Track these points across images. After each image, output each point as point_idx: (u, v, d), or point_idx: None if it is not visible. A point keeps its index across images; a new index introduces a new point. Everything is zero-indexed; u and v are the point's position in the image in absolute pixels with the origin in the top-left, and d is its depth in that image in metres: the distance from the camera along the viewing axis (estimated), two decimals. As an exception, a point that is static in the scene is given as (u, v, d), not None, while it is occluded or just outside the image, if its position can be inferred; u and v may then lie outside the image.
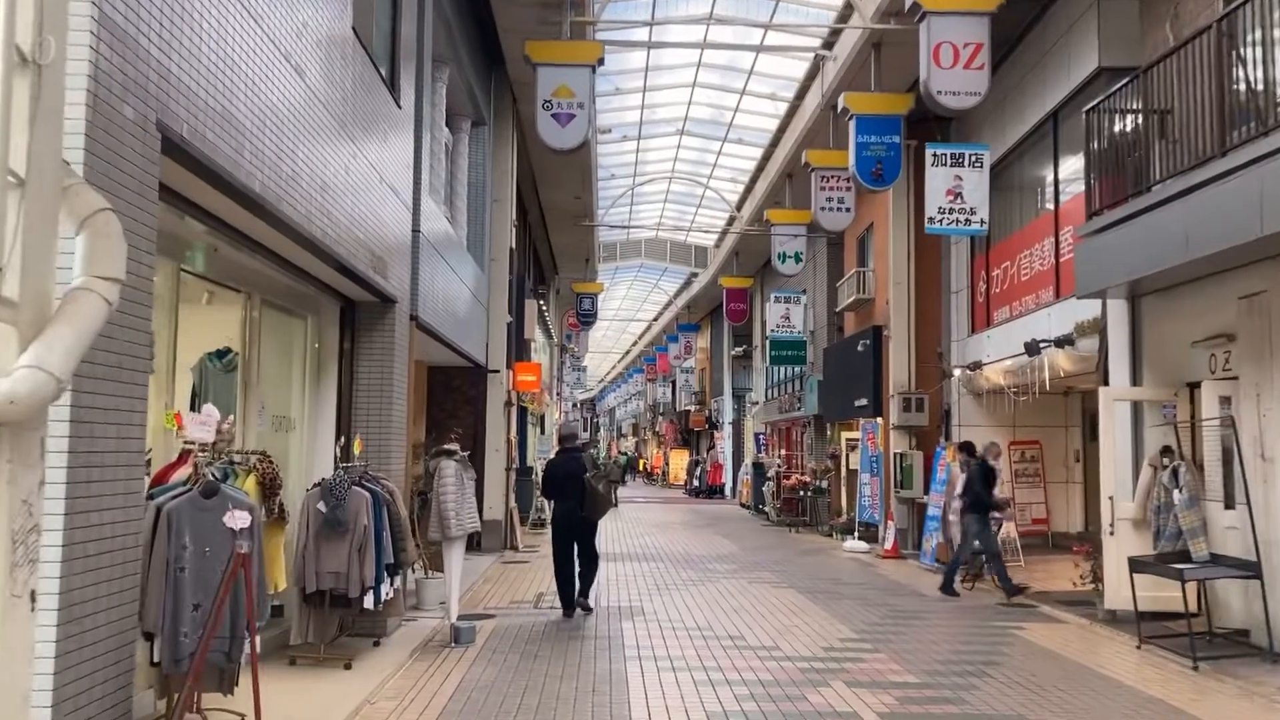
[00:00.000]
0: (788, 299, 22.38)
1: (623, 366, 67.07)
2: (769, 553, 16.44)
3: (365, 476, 7.86)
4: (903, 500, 16.56)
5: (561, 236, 26.73)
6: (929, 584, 12.73)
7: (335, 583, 7.24)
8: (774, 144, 21.46)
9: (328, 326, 8.75)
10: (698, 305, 38.34)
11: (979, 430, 16.01)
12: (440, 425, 16.08)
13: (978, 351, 15.73)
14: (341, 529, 7.22)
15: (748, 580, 12.79)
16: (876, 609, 10.59)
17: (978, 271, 16.30)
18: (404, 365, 9.28)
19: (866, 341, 18.01)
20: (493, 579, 12.61)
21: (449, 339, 12.51)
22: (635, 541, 18.08)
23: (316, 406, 8.67)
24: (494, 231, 16.23)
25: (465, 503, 8.55)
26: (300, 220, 6.14)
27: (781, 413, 27.11)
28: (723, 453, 36.25)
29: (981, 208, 12.06)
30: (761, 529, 21.63)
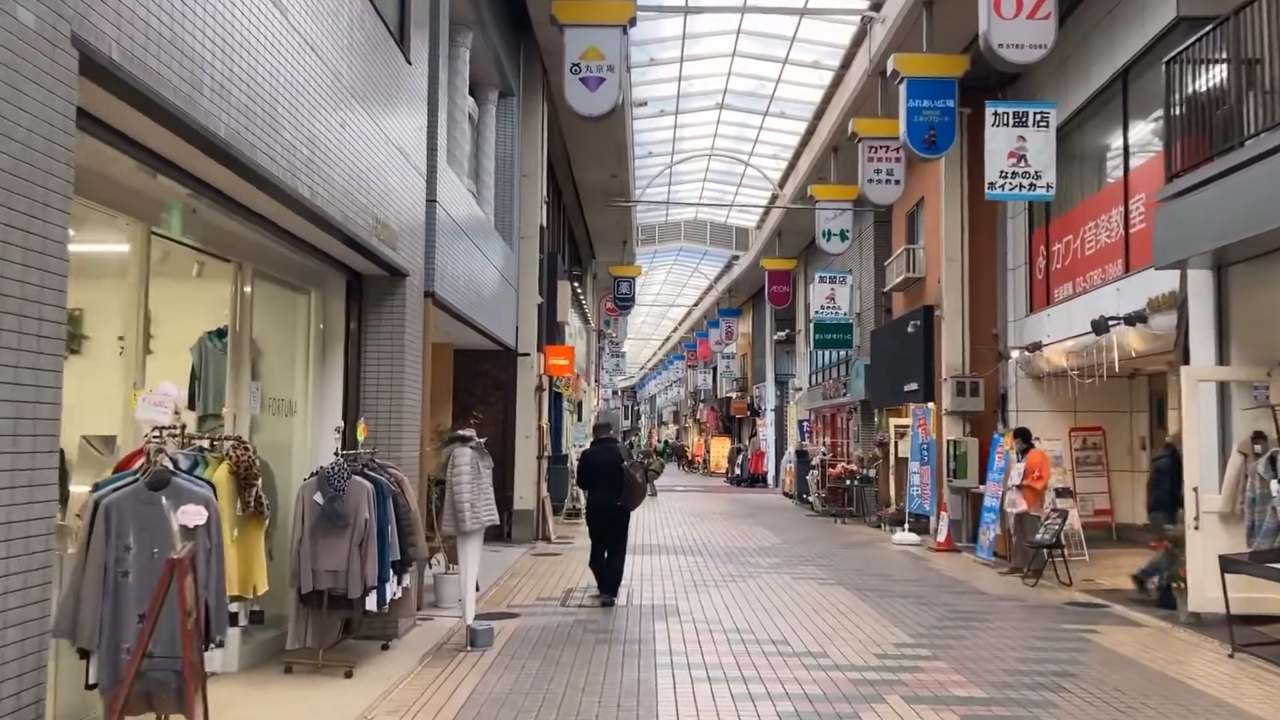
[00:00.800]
0: (833, 279, 21.40)
1: (663, 353, 66.25)
2: (814, 545, 15.60)
3: (370, 465, 7.16)
4: (956, 490, 15.62)
5: (598, 218, 25.98)
6: (987, 580, 11.83)
7: (334, 582, 6.55)
8: (818, 116, 20.49)
9: (333, 302, 8.05)
10: (739, 289, 37.41)
11: (1038, 416, 15.07)
12: (468, 410, 15.43)
13: (1037, 332, 14.74)
14: (340, 523, 6.53)
15: (791, 576, 11.97)
16: (933, 609, 9.73)
17: (1036, 247, 15.29)
18: (417, 344, 8.56)
19: (917, 322, 17.06)
20: (521, 572, 11.92)
21: (473, 319, 11.79)
22: (673, 532, 17.32)
23: (321, 389, 7.99)
24: (523, 208, 15.50)
25: (481, 494, 7.82)
26: (282, 175, 5.42)
27: (826, 399, 26.18)
28: (765, 440, 35.34)
29: (1047, 171, 11.07)
30: (806, 519, 20.78)
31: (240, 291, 6.74)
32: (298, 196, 5.68)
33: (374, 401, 8.06)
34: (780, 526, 18.82)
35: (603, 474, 10.23)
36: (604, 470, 10.24)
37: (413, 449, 8.39)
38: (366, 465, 7.10)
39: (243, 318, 6.79)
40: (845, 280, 21.32)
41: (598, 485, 10.32)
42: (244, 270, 6.76)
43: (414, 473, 8.37)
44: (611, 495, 10.10)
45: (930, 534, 16.44)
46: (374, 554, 6.61)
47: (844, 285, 21.24)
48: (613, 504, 10.11)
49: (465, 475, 7.69)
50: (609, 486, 10.12)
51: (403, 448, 8.08)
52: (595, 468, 10.40)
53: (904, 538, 16.14)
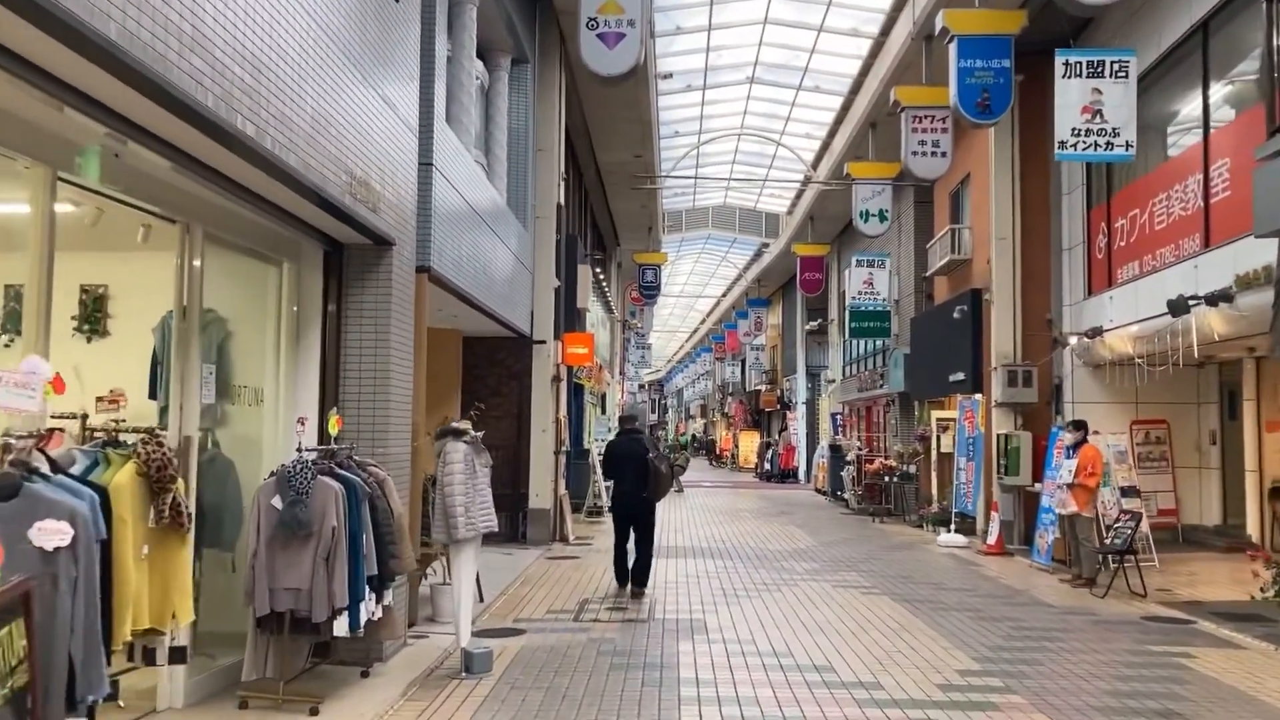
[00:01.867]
0: (871, 263, 20.14)
1: (690, 346, 65.04)
2: (852, 547, 14.44)
3: (344, 462, 6.10)
4: (1007, 488, 14.41)
5: (621, 202, 24.88)
6: (1048, 589, 10.64)
7: (295, 603, 5.50)
8: (854, 90, 19.26)
9: (308, 275, 7.00)
10: (769, 278, 36.18)
11: (1096, 408, 13.86)
12: (484, 401, 14.38)
13: (1097, 316, 13.50)
14: (303, 532, 5.47)
15: (831, 584, 10.84)
16: (995, 625, 8.57)
17: (1096, 224, 14.05)
18: (408, 325, 7.50)
19: (964, 307, 15.84)
20: (533, 579, 10.85)
21: (481, 302, 10.74)
22: (701, 533, 16.21)
23: (295, 374, 6.94)
24: (539, 185, 14.41)
25: (478, 496, 6.75)
26: (214, 105, 4.36)
27: (861, 391, 24.95)
28: (796, 435, 34.13)
29: (1127, 127, 9.84)
30: (840, 518, 19.60)
31: (188, 258, 5.69)
32: (237, 134, 4.61)
33: (355, 389, 7.01)
34: (815, 526, 17.67)
35: (628, 465, 10.19)
36: (629, 461, 10.18)
37: (402, 444, 7.33)
38: (340, 463, 6.05)
39: (191, 289, 5.74)
40: (884, 264, 20.07)
41: (623, 476, 10.33)
42: (193, 233, 5.71)
43: (403, 471, 7.31)
44: (636, 487, 10.09)
45: (978, 535, 15.26)
46: (344, 569, 5.55)
47: (882, 269, 19.99)
48: (638, 495, 10.12)
49: (458, 475, 6.62)
50: (634, 478, 10.11)
51: (389, 443, 7.02)
52: (621, 459, 10.38)
53: (950, 539, 14.95)
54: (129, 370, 6.31)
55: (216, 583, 6.26)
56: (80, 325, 6.63)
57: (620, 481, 10.46)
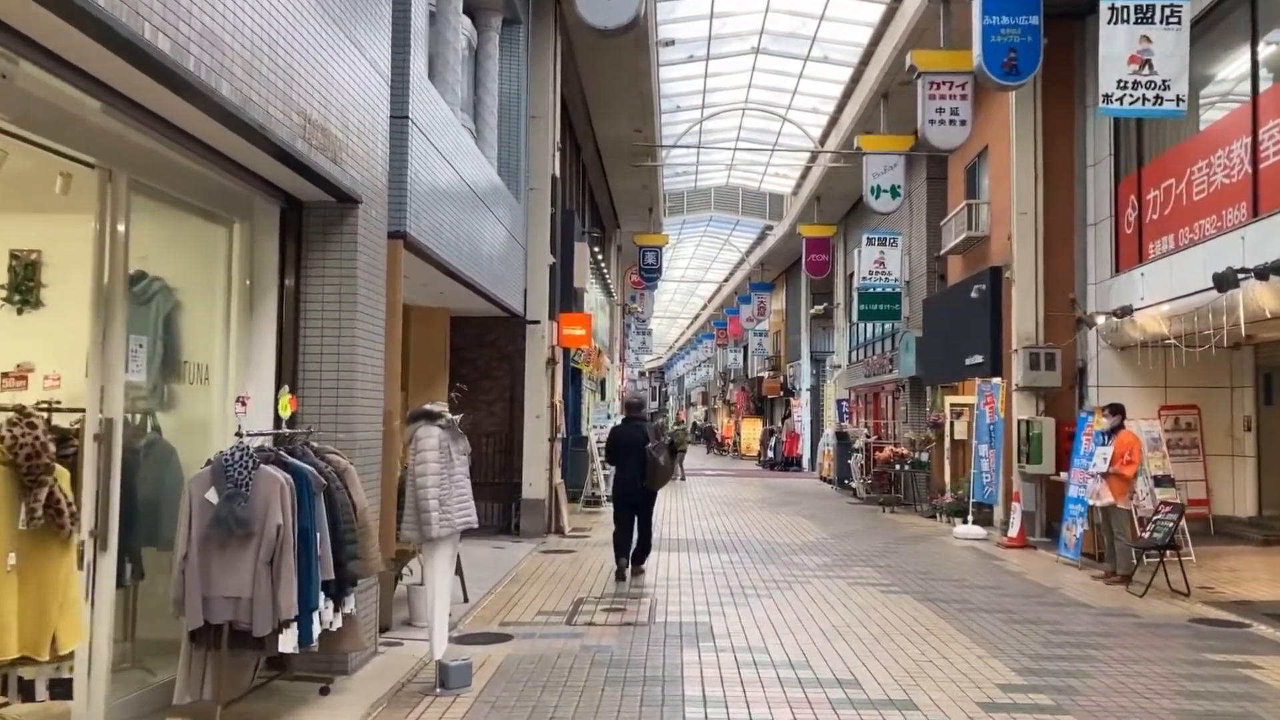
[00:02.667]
0: (882, 241, 19.26)
1: (691, 332, 64.16)
2: (865, 540, 13.63)
3: (298, 449, 5.28)
4: (1029, 477, 13.61)
5: (621, 181, 24.02)
6: (1081, 587, 9.83)
7: (234, 613, 4.69)
8: (866, 60, 18.36)
9: (263, 237, 6.16)
10: (772, 262, 35.30)
11: (1122, 393, 13.03)
12: (472, 385, 13.59)
13: (1126, 294, 12.67)
14: (242, 531, 4.65)
15: (846, 581, 10.03)
16: (1032, 629, 7.75)
17: (1125, 196, 13.21)
18: (377, 296, 6.66)
19: (982, 286, 15.00)
20: (524, 576, 10.05)
21: (468, 276, 9.91)
22: (703, 524, 15.40)
23: (248, 349, 6.11)
24: (532, 155, 13.55)
25: (455, 488, 5.92)
26: (112, 9, 3.51)
27: (868, 376, 24.12)
28: (800, 422, 33.30)
29: (1178, 80, 8.96)
30: (849, 508, 18.80)
31: (110, 210, 4.86)
32: (146, 48, 3.77)
33: (316, 367, 6.18)
34: (823, 516, 16.86)
35: (630, 453, 10.17)
36: (632, 448, 10.16)
37: (370, 429, 6.50)
38: (293, 450, 5.23)
39: (115, 246, 4.91)
40: (896, 242, 19.19)
41: (625, 464, 10.32)
42: (116, 182, 4.88)
43: (372, 460, 6.49)
44: (637, 475, 10.09)
45: (996, 526, 14.45)
46: (292, 574, 4.74)
47: (894, 248, 19.11)
48: (638, 483, 10.12)
49: (431, 464, 5.78)
50: (635, 466, 10.10)
51: (354, 427, 6.19)
52: (623, 446, 10.33)
53: (968, 531, 14.14)
54: (66, 345, 5.50)
55: (156, 586, 5.45)
56: (10, 295, 5.84)
57: (622, 469, 10.46)
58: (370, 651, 6.47)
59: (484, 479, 13.35)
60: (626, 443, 10.29)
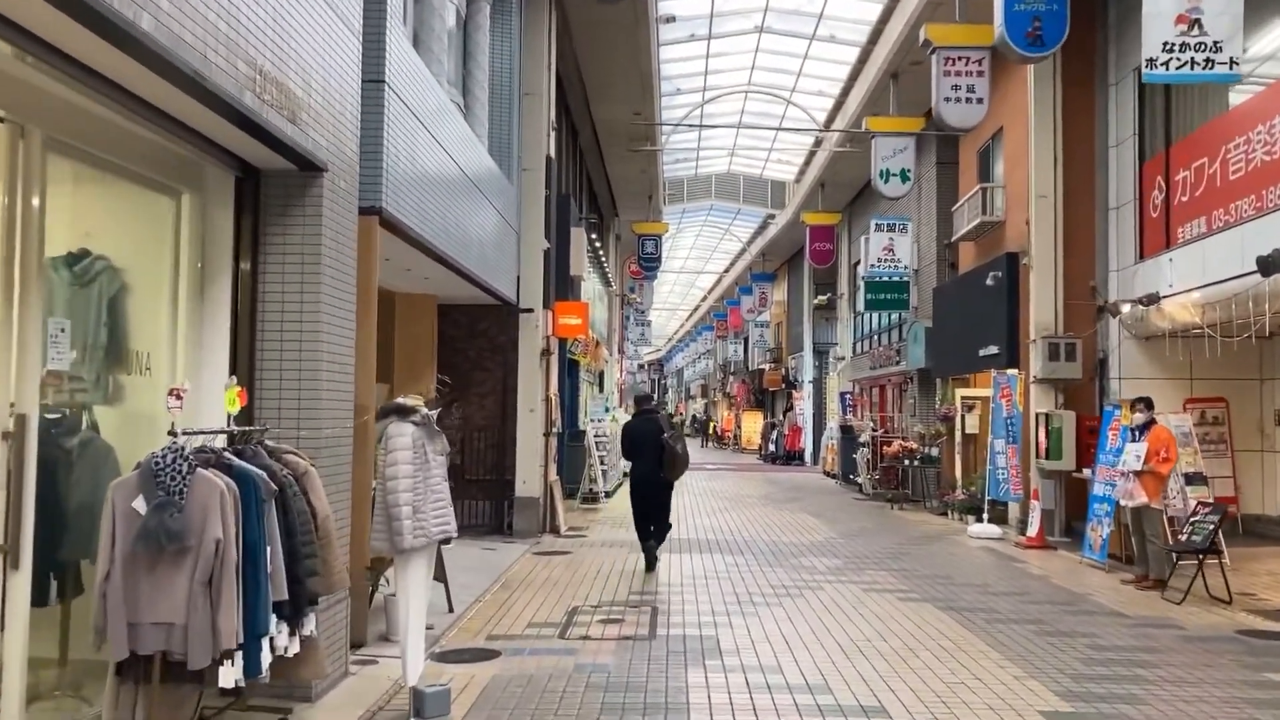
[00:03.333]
0: (891, 227, 18.55)
1: (691, 324, 63.44)
2: (876, 540, 12.96)
3: (247, 450, 4.60)
4: (1048, 473, 12.95)
5: (620, 167, 23.31)
6: (1111, 593, 9.17)
7: (166, 642, 4.01)
8: (874, 38, 17.65)
9: (216, 209, 5.48)
10: (774, 251, 34.60)
11: (1145, 385, 12.43)
12: (463, 377, 12.91)
13: (1152, 281, 11.99)
14: (174, 546, 3.97)
15: (860, 586, 9.35)
16: (1068, 643, 7.08)
17: (1150, 178, 12.51)
18: (346, 276, 5.97)
19: (998, 274, 14.31)
20: (516, 581, 9.37)
21: (455, 260, 9.23)
22: (706, 522, 14.73)
23: (198, 336, 5.43)
24: (525, 134, 12.85)
25: (431, 493, 5.24)
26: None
27: (874, 368, 23.44)
28: (802, 415, 32.63)
29: (1231, 42, 8.24)
30: (855, 505, 18.14)
31: (22, 171, 4.17)
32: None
33: (276, 356, 5.49)
34: (830, 514, 16.20)
35: (645, 445, 10.36)
36: (647, 441, 10.35)
37: (337, 426, 5.81)
38: (240, 451, 4.55)
39: (28, 215, 4.22)
40: (906, 228, 18.47)
41: (641, 456, 10.49)
42: (29, 139, 4.19)
43: (339, 461, 5.80)
44: (653, 467, 10.28)
45: (1012, 525, 13.80)
46: (233, 596, 4.06)
47: (904, 234, 18.40)
48: (655, 475, 10.30)
49: (403, 466, 5.10)
50: (651, 458, 10.29)
51: (320, 424, 5.51)
52: (638, 439, 10.54)
53: (983, 530, 13.48)
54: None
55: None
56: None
57: (638, 462, 10.62)
58: (339, 673, 5.80)
59: (475, 476, 12.70)
60: (642, 436, 10.49)
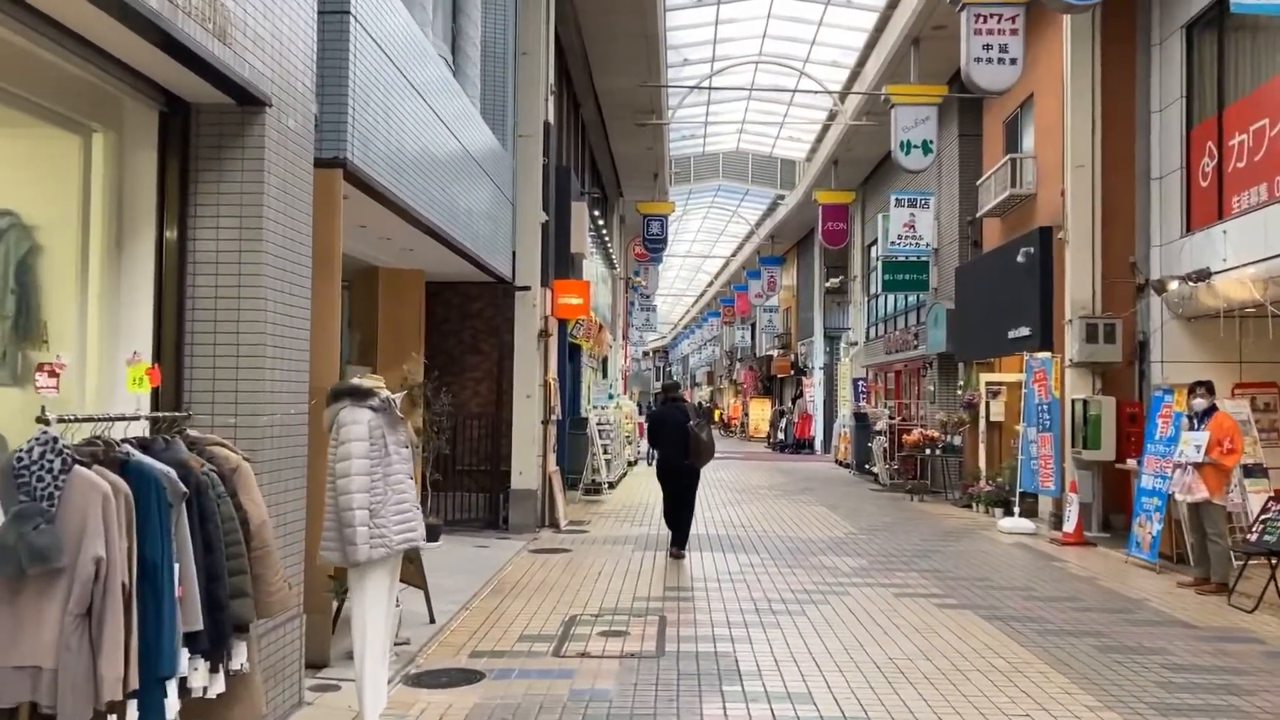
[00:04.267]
0: (913, 202, 17.54)
1: (697, 310, 62.42)
2: (900, 536, 12.03)
3: (157, 441, 3.68)
4: (1084, 464, 12.02)
5: (625, 143, 22.34)
6: (1170, 598, 8.23)
7: (32, 691, 3.08)
8: (893, 3, 16.63)
9: (136, 151, 4.55)
10: (783, 234, 33.62)
11: (1189, 369, 11.53)
12: (456, 360, 12.01)
13: (1201, 255, 11.02)
14: (40, 568, 3.04)
15: (892, 590, 8.43)
16: (1137, 662, 6.16)
17: (1199, 144, 11.52)
18: (296, 234, 5.03)
19: (1030, 250, 13.34)
20: (509, 584, 8.46)
21: (442, 228, 8.29)
22: (716, 515, 13.81)
23: (115, 304, 4.50)
24: (521, 96, 11.88)
25: (391, 493, 4.32)
26: None
27: (889, 353, 22.48)
28: (812, 402, 31.69)
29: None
30: (873, 496, 17.22)
31: None
32: None
33: (209, 328, 4.57)
34: (847, 506, 15.28)
35: (672, 432, 10.42)
36: (673, 429, 10.42)
37: (286, 411, 4.87)
38: (147, 443, 3.63)
39: None
40: (928, 203, 17.48)
41: (666, 444, 10.53)
42: None
43: (289, 452, 4.87)
44: (680, 454, 10.33)
45: (1044, 519, 12.88)
46: (119, 631, 3.13)
47: (926, 210, 17.40)
48: (680, 462, 10.35)
49: (358, 461, 4.19)
50: (677, 445, 10.35)
51: (261, 408, 4.58)
52: (664, 426, 10.60)
53: (1014, 525, 12.54)
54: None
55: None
56: None
57: (664, 448, 10.60)
58: (290, 704, 4.89)
59: (468, 466, 11.79)
60: (667, 423, 10.54)
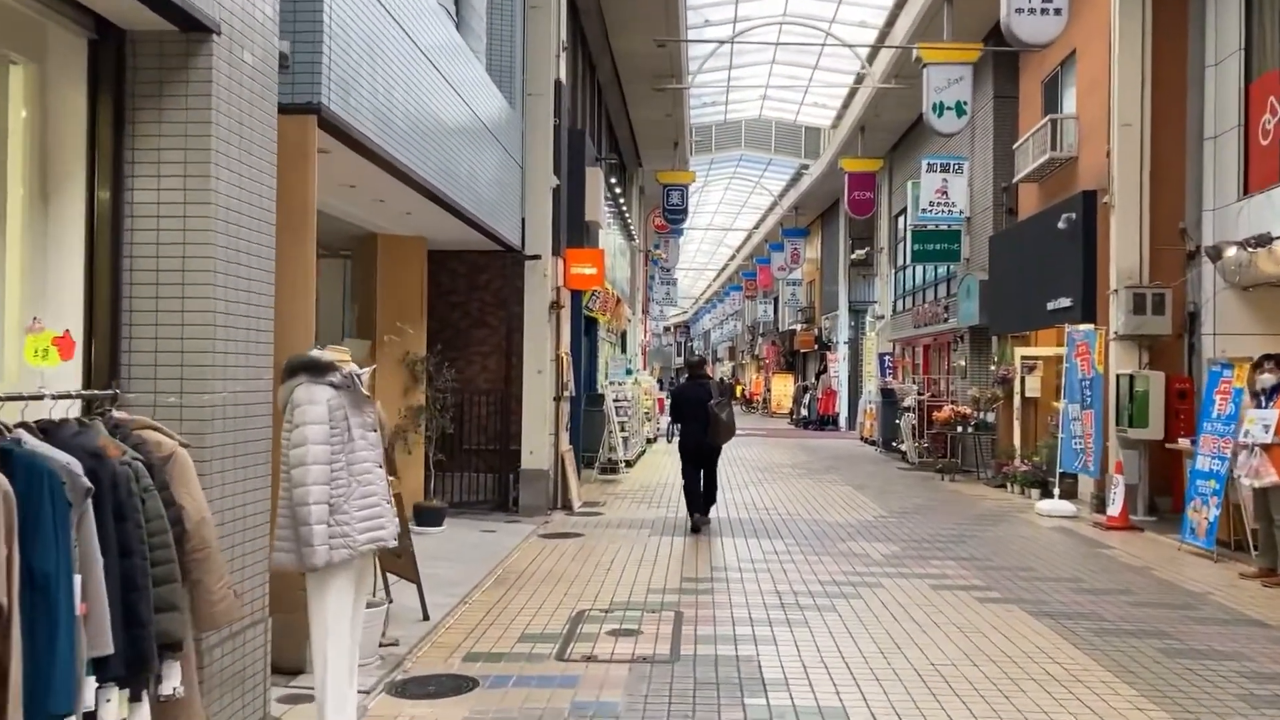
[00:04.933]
0: (945, 167, 16.67)
1: (719, 285, 61.55)
2: (933, 519, 11.37)
3: (66, 425, 3.07)
4: (1130, 443, 11.29)
5: (643, 109, 21.60)
6: (1233, 591, 7.54)
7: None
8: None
9: (62, 86, 3.92)
10: (807, 205, 32.76)
11: (1243, 341, 10.82)
12: (463, 334, 11.41)
13: (1262, 219, 10.24)
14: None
15: (928, 582, 7.77)
16: (1210, 668, 5.48)
17: (1259, 99, 10.71)
18: (256, 186, 4.38)
19: (1071, 215, 12.55)
20: (513, 574, 7.86)
21: (440, 188, 7.66)
22: (737, 497, 13.19)
23: (42, 261, 3.89)
24: (531, 52, 11.18)
25: (356, 484, 3.69)
26: None
27: (918, 327, 21.71)
28: (836, 377, 30.93)
29: None
30: (900, 475, 16.55)
31: None
32: None
33: (150, 292, 3.94)
34: (874, 486, 14.61)
35: (694, 409, 10.52)
36: (695, 406, 10.51)
37: (239, 390, 4.24)
38: (48, 426, 3.02)
39: None
40: (962, 168, 16.61)
41: (689, 419, 10.67)
42: None
43: (247, 437, 4.24)
44: (701, 430, 10.44)
45: (1085, 500, 12.17)
46: (0, 662, 2.52)
47: (960, 175, 16.54)
48: (702, 439, 10.45)
49: (316, 447, 3.57)
50: (699, 421, 10.45)
51: (211, 383, 3.96)
52: (686, 403, 10.71)
53: (1053, 507, 11.84)
54: None
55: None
56: None
57: (686, 424, 10.77)
58: (256, 719, 4.30)
59: (476, 446, 11.20)
60: (690, 400, 10.62)
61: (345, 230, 9.04)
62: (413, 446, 9.47)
